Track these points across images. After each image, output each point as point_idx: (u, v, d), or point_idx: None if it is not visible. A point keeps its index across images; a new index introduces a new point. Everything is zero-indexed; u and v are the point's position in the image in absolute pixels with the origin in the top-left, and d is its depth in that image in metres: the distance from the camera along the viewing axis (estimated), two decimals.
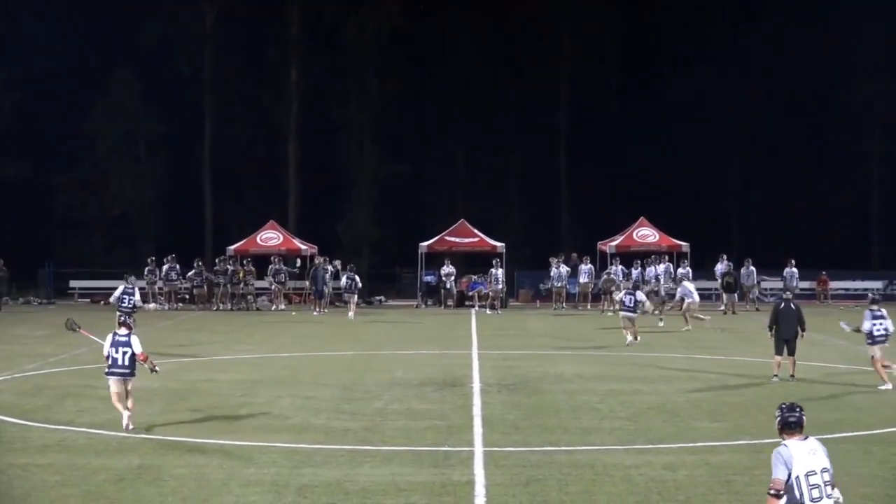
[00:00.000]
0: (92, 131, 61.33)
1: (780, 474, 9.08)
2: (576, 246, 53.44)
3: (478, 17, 64.09)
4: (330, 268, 45.78)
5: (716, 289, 46.32)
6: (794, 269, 45.63)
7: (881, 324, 21.35)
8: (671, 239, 47.94)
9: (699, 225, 54.95)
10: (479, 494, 12.57)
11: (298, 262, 48.22)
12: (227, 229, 59.22)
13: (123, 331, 16.80)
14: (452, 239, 49.09)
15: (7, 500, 12.27)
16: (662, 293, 41.94)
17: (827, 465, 9.13)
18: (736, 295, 43.45)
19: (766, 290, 45.45)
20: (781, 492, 9.04)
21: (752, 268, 45.56)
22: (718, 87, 64.99)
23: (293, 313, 43.68)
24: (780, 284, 45.01)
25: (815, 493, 8.97)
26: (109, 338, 16.76)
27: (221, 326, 36.83)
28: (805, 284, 48.16)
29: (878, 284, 52.47)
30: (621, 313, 30.65)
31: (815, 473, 9.07)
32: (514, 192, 65.29)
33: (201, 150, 62.86)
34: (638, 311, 30.03)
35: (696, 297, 35.92)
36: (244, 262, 47.19)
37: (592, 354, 27.62)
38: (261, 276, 46.98)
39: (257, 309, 45.81)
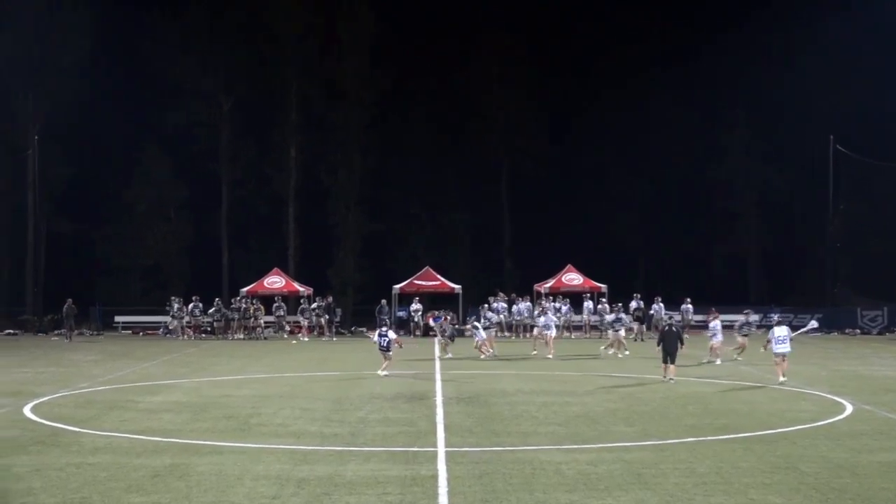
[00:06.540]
0: (131, 196, 61.57)
1: None
2: (516, 287, 53.44)
3: (437, 108, 65.11)
4: (323, 303, 45.79)
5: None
6: (690, 305, 45.71)
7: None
8: (592, 281, 48.10)
9: (614, 270, 55.11)
10: (442, 486, 12.53)
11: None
12: (239, 274, 58.93)
13: (385, 328, 26.81)
14: (419, 282, 49.16)
15: (65, 491, 12.17)
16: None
17: None
18: (644, 325, 43.67)
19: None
20: None
21: (662, 304, 45.71)
22: (625, 160, 66.37)
23: (293, 342, 43.48)
24: (679, 317, 45.22)
25: None
26: (376, 333, 26.74)
27: (236, 353, 36.59)
28: (699, 317, 48.19)
29: (755, 317, 52.80)
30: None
31: None
32: (467, 244, 65.71)
33: (219, 211, 62.78)
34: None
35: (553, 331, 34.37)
36: (254, 300, 47.03)
37: (530, 374, 27.60)
38: (268, 312, 46.78)
39: (265, 339, 45.56)
